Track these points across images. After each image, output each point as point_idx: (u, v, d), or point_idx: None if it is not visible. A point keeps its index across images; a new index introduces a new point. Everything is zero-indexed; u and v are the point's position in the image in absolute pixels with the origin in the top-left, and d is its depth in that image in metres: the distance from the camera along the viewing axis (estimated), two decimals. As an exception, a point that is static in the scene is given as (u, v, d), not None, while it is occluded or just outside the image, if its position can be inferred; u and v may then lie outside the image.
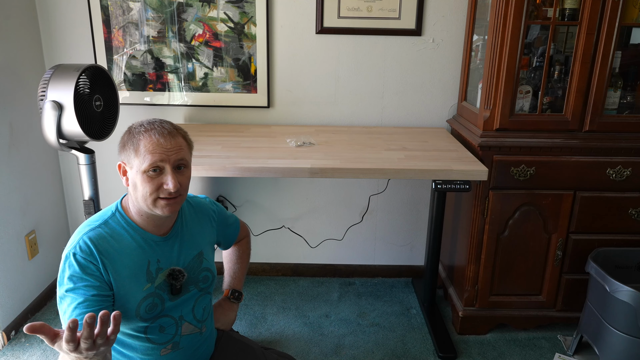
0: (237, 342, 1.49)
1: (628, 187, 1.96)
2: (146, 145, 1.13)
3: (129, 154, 1.16)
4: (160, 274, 1.22)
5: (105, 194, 2.40)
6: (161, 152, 1.14)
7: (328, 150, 1.95)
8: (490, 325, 2.17)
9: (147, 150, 1.13)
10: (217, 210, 1.45)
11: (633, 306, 1.68)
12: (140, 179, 1.14)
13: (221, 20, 2.24)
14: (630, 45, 2.03)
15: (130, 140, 1.16)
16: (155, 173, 1.14)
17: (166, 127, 1.17)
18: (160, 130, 1.15)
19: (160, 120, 1.20)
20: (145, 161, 1.13)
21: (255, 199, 2.51)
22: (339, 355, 2.03)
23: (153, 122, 1.18)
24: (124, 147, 1.17)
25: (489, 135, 1.92)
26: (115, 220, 1.20)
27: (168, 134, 1.16)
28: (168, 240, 1.25)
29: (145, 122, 1.19)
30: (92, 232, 1.16)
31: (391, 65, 2.33)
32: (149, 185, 1.14)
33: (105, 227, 1.18)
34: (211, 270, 1.36)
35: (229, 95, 2.35)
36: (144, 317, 1.20)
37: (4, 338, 2.06)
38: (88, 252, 1.12)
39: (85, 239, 1.14)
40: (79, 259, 1.11)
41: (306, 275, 2.64)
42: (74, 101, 1.62)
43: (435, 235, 2.17)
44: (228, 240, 1.55)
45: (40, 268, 2.31)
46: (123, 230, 1.19)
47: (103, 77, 1.78)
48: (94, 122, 1.74)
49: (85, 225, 1.19)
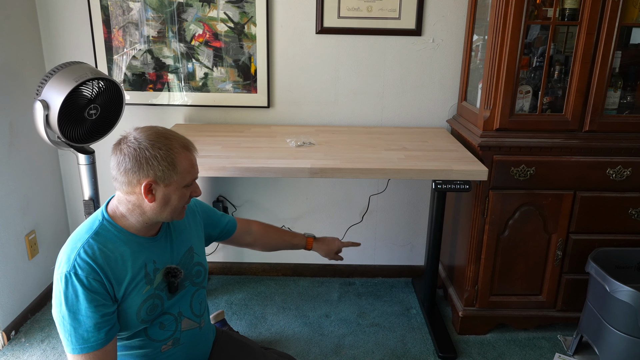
0: (237, 342, 1.49)
1: (628, 187, 1.96)
2: (184, 163, 1.16)
3: (163, 173, 1.12)
4: (158, 274, 1.22)
5: (105, 194, 2.40)
6: (196, 165, 1.21)
7: (328, 150, 1.95)
8: (490, 325, 2.16)
9: (189, 164, 1.17)
10: (198, 204, 1.47)
11: (633, 306, 1.68)
12: (179, 194, 1.17)
13: (221, 20, 2.24)
14: (630, 45, 2.03)
15: (165, 159, 1.12)
16: (192, 186, 1.21)
17: (184, 139, 1.20)
18: (186, 145, 1.19)
19: (168, 131, 1.19)
20: (186, 178, 1.17)
21: (255, 199, 2.51)
22: (339, 355, 2.03)
23: (169, 137, 1.16)
24: (152, 165, 1.11)
25: (489, 135, 1.92)
26: (105, 229, 1.16)
27: (192, 146, 1.21)
28: (159, 239, 1.25)
29: (162, 135, 1.15)
30: (86, 246, 1.11)
31: (391, 65, 2.33)
32: (184, 199, 1.19)
33: (97, 238, 1.13)
34: (203, 265, 1.36)
35: (229, 95, 2.35)
36: (145, 319, 1.20)
37: (4, 338, 2.06)
38: (89, 269, 1.09)
39: (83, 255, 1.10)
40: (82, 279, 1.08)
41: (306, 275, 2.64)
42: (60, 106, 1.62)
43: (435, 235, 2.17)
44: (225, 227, 1.54)
45: (40, 268, 2.31)
46: (115, 238, 1.16)
47: (113, 92, 1.77)
48: (79, 128, 1.73)
49: (75, 240, 1.13)
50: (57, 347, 2.04)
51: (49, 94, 1.64)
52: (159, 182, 1.13)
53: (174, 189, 1.15)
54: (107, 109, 1.79)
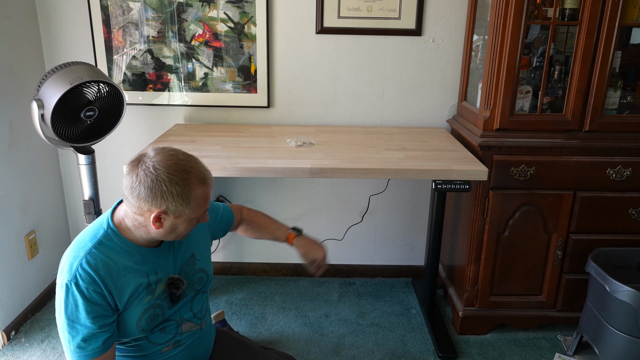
0: (237, 342, 1.49)
1: (628, 187, 1.96)
2: (198, 198, 1.12)
3: (175, 205, 1.09)
4: (160, 284, 1.21)
5: (105, 194, 2.40)
6: (209, 197, 1.18)
7: (328, 150, 1.95)
8: (490, 325, 2.16)
9: (204, 199, 1.14)
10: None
11: (633, 306, 1.68)
12: (189, 223, 1.16)
13: (221, 20, 2.24)
14: (630, 45, 2.03)
15: (181, 195, 1.09)
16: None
17: (202, 170, 1.14)
18: (202, 179, 1.13)
19: (193, 162, 1.14)
20: (197, 211, 1.14)
21: (255, 199, 2.51)
22: (339, 355, 2.03)
23: (192, 169, 1.12)
24: (165, 199, 1.08)
25: (489, 135, 1.92)
26: (108, 239, 1.15)
27: (208, 179, 1.16)
28: (162, 250, 1.23)
29: (181, 169, 1.10)
30: (89, 255, 1.11)
31: (391, 65, 2.33)
32: (193, 226, 1.18)
33: (100, 248, 1.13)
34: (205, 271, 1.35)
35: (229, 95, 2.35)
36: (145, 328, 1.20)
37: (4, 338, 2.06)
38: (90, 280, 1.09)
39: (85, 266, 1.09)
40: (82, 290, 1.08)
41: (306, 275, 2.64)
42: (54, 106, 1.63)
43: (435, 235, 2.17)
44: (226, 227, 1.53)
45: (40, 268, 2.31)
46: (119, 248, 1.15)
47: (113, 96, 1.77)
48: (75, 128, 1.73)
49: (78, 248, 1.13)
50: (57, 347, 2.04)
51: (45, 93, 1.66)
52: (169, 214, 1.11)
53: (183, 221, 1.14)
54: (105, 112, 1.79)
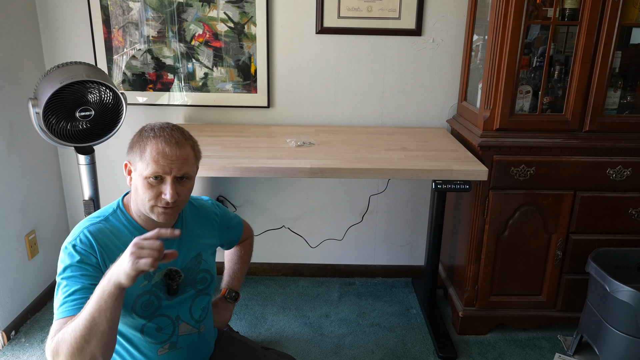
0: (237, 342, 1.49)
1: (628, 187, 1.96)
2: (151, 152, 1.13)
3: (135, 156, 1.16)
4: (157, 272, 1.22)
5: (105, 194, 2.40)
6: (164, 163, 1.13)
7: (328, 150, 1.95)
8: (490, 326, 2.16)
9: (151, 157, 1.13)
10: (219, 213, 1.44)
11: (633, 306, 1.68)
12: (141, 184, 1.15)
13: (221, 20, 2.24)
14: (630, 45, 2.03)
15: (138, 143, 1.16)
16: (156, 181, 1.14)
17: (175, 135, 1.16)
18: (168, 139, 1.15)
19: (173, 126, 1.19)
20: (147, 168, 1.13)
21: (255, 199, 2.51)
22: (339, 355, 2.03)
23: (164, 128, 1.17)
24: (132, 148, 1.17)
25: (489, 135, 1.92)
26: (115, 217, 1.22)
27: (176, 143, 1.15)
28: (167, 240, 1.24)
29: (157, 126, 1.18)
30: (93, 226, 1.18)
31: (391, 65, 2.33)
32: (148, 192, 1.15)
33: (105, 223, 1.20)
34: (210, 272, 1.35)
35: (229, 95, 2.35)
36: (139, 314, 1.20)
37: (4, 338, 2.06)
38: (88, 244, 1.14)
39: (86, 232, 1.16)
40: (78, 250, 1.13)
41: (306, 275, 2.64)
42: (45, 103, 1.65)
43: (435, 235, 2.17)
44: (231, 242, 1.55)
45: (40, 268, 2.31)
46: (123, 227, 1.21)
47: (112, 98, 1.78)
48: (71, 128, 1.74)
49: (86, 220, 1.21)
50: (57, 347, 2.04)
51: (39, 91, 1.69)
52: (130, 165, 1.19)
53: (138, 176, 1.16)
54: (103, 113, 1.78)
